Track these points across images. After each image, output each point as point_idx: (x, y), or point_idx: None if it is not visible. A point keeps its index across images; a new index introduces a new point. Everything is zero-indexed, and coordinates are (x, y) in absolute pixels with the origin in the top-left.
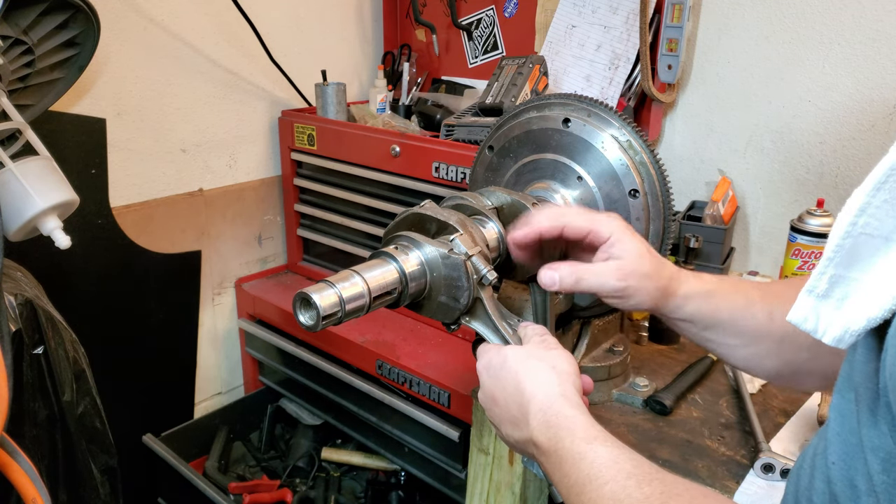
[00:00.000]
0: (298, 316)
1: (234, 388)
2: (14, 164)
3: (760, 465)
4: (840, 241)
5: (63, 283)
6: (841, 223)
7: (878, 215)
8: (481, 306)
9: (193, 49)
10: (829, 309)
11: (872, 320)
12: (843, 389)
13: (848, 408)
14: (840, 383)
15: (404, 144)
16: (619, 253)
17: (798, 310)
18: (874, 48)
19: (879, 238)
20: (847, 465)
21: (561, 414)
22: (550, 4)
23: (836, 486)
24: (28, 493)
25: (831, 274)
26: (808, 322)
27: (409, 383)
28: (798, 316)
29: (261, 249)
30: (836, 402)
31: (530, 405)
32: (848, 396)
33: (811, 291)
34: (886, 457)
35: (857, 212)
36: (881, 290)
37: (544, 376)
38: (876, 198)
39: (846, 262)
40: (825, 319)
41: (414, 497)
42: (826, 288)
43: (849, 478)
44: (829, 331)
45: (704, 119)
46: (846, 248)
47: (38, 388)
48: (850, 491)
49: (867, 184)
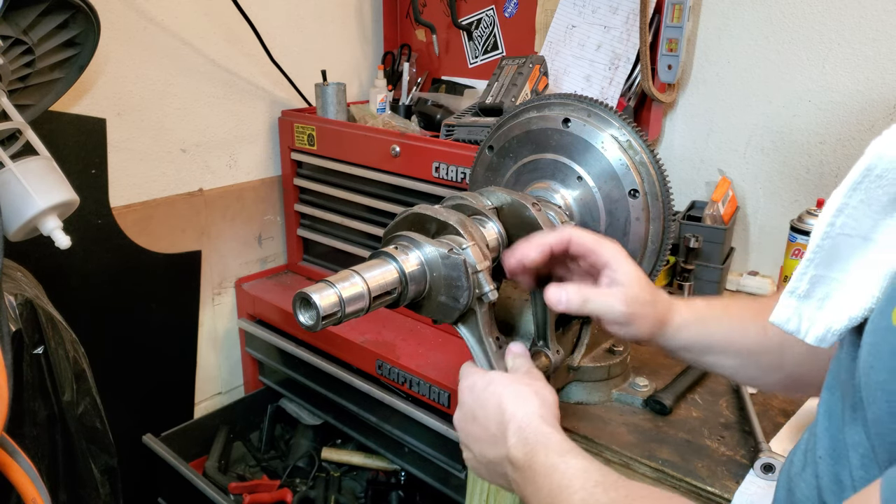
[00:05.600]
0: (298, 316)
1: (234, 388)
2: (14, 164)
3: (760, 465)
4: (820, 242)
5: (63, 283)
6: (820, 224)
7: (855, 215)
8: (474, 317)
9: (193, 49)
10: (811, 309)
11: (853, 319)
12: (832, 387)
13: (835, 405)
14: (829, 380)
15: (404, 144)
16: (621, 278)
17: (780, 311)
18: (874, 48)
19: (857, 238)
20: (833, 461)
21: (538, 431)
22: (550, 4)
23: (822, 480)
24: (28, 493)
25: (812, 274)
26: (791, 323)
27: (409, 383)
28: (781, 317)
29: (261, 249)
30: (824, 398)
31: (510, 423)
32: (836, 394)
33: (793, 292)
34: (864, 453)
35: (834, 212)
36: (861, 289)
37: (526, 399)
38: (852, 198)
39: (826, 262)
40: (807, 319)
41: (414, 497)
42: (807, 288)
43: (834, 473)
44: (811, 331)
45: (704, 119)
46: (826, 249)
47: (38, 388)
48: (835, 486)
49: (843, 185)
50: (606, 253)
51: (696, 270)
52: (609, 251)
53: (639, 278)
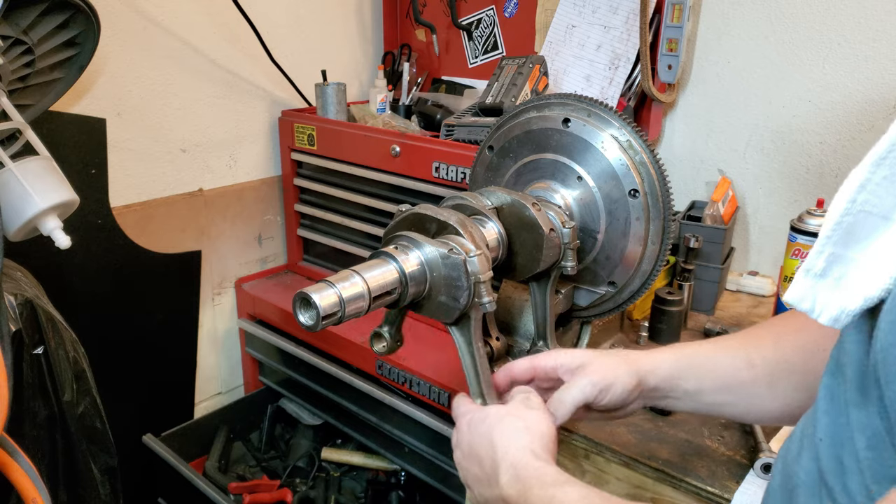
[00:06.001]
0: (298, 316)
1: (234, 388)
2: (14, 164)
3: (760, 465)
4: (839, 219)
5: (63, 283)
6: (840, 200)
7: (877, 192)
8: (468, 322)
9: (193, 49)
10: (826, 289)
11: (869, 300)
12: (833, 371)
13: (837, 388)
14: (830, 365)
15: (404, 144)
16: (593, 369)
17: (795, 290)
18: (874, 48)
19: (878, 216)
20: (835, 443)
21: (530, 466)
22: (550, 4)
23: (823, 462)
24: (28, 493)
25: (829, 252)
26: (805, 302)
27: (409, 383)
28: (795, 296)
29: (261, 249)
30: (825, 383)
31: (502, 462)
32: (838, 378)
33: (808, 271)
34: (872, 434)
35: (857, 188)
36: (878, 269)
37: (518, 434)
38: (876, 174)
39: (844, 240)
40: (822, 299)
41: (414, 497)
42: (823, 267)
43: (836, 455)
44: (825, 311)
45: (704, 119)
46: (844, 226)
47: (38, 388)
48: (837, 467)
49: (867, 159)
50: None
51: (696, 270)
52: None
53: (587, 351)
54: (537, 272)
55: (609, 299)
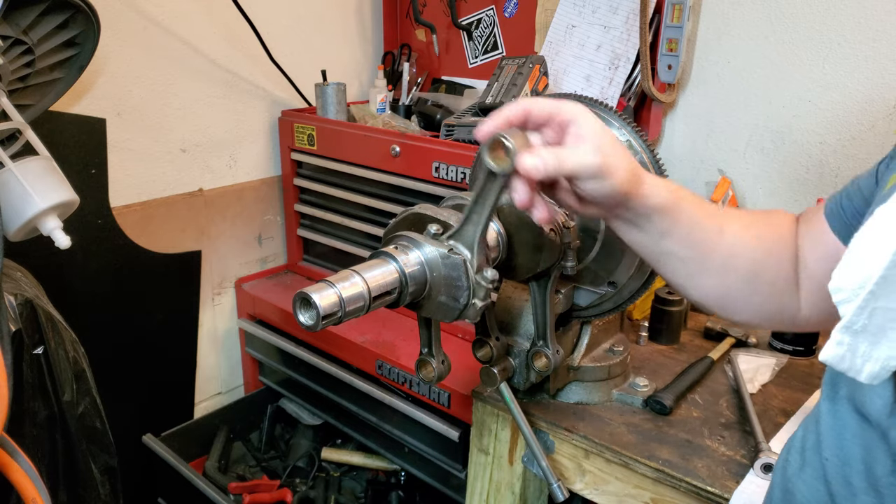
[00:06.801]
0: (298, 316)
1: (234, 388)
2: (14, 164)
3: (760, 465)
4: (884, 273)
5: (63, 283)
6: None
7: None
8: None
9: (193, 49)
10: (865, 344)
11: None
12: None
13: (843, 411)
14: (828, 391)
15: (404, 144)
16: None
17: (833, 348)
18: (874, 48)
19: None
20: (842, 463)
21: None
22: (550, 4)
23: (833, 485)
24: (28, 493)
25: (873, 307)
26: (844, 361)
27: (409, 383)
28: (834, 355)
29: (261, 249)
30: (828, 408)
31: None
32: (842, 403)
33: (849, 328)
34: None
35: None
36: None
37: None
38: None
39: (889, 293)
40: (861, 356)
41: (414, 497)
42: (865, 323)
43: (844, 476)
44: (865, 367)
45: (704, 119)
46: (889, 280)
47: (38, 388)
48: (846, 490)
49: None
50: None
51: None
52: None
53: (605, 130)
54: (537, 272)
55: (609, 299)
